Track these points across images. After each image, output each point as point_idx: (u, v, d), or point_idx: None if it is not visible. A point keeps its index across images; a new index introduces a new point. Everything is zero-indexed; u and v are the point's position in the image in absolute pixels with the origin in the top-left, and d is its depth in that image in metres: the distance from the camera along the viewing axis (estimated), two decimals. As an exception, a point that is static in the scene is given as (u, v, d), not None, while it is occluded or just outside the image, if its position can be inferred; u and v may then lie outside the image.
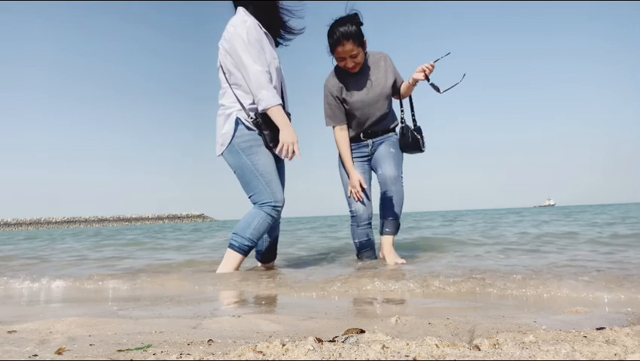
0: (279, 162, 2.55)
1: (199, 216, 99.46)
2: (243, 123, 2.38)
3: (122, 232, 15.10)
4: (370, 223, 2.77)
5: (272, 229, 2.65)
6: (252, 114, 2.34)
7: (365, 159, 2.78)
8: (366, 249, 2.81)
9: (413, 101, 2.77)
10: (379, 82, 2.66)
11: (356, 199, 2.72)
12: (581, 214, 12.55)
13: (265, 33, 2.39)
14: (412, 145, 2.68)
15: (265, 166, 2.38)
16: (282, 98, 2.47)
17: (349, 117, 2.71)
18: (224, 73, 2.37)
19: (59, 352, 0.86)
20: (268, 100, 2.26)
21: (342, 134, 2.70)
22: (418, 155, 2.78)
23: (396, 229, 2.71)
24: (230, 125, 2.38)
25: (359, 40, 2.50)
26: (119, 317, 1.31)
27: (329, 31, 2.51)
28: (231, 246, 2.43)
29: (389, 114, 2.76)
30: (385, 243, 2.68)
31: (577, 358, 0.72)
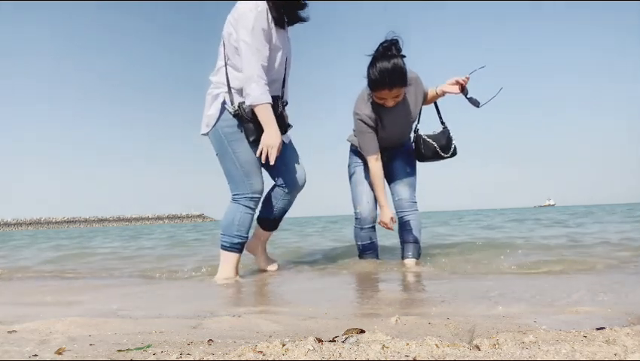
0: (285, 146, 2.37)
1: (199, 216, 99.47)
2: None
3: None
4: (374, 226, 2.76)
5: (286, 201, 2.49)
6: (236, 104, 2.22)
7: None
8: (369, 251, 2.80)
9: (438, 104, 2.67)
10: (409, 110, 2.54)
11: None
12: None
13: (277, 19, 2.22)
14: (429, 155, 2.62)
15: (246, 156, 2.27)
16: (283, 85, 2.35)
17: None
18: (225, 48, 2.24)
19: (59, 352, 0.86)
20: (255, 96, 2.13)
21: (379, 165, 2.52)
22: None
23: (418, 253, 2.69)
24: (216, 107, 2.27)
25: (406, 80, 2.31)
26: (119, 317, 1.31)
27: (372, 66, 2.28)
28: (223, 247, 2.36)
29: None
30: (410, 268, 2.59)
31: (577, 358, 0.72)
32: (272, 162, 2.19)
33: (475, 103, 2.41)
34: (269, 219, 2.54)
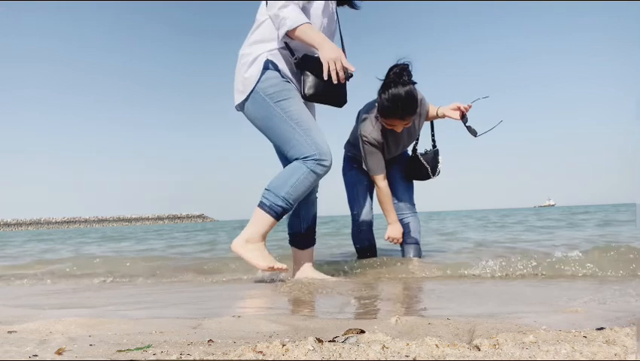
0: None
1: (199, 216, 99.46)
2: (275, 67, 1.95)
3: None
4: (371, 227, 2.77)
5: (309, 206, 2.19)
6: (297, 56, 1.92)
7: None
8: (367, 253, 2.81)
9: (434, 122, 2.69)
10: (413, 131, 2.56)
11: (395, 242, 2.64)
12: None
13: None
14: (419, 174, 2.64)
15: (300, 113, 1.92)
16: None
17: None
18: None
19: (59, 352, 0.86)
20: (294, 18, 1.80)
21: (386, 184, 2.53)
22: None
23: (419, 254, 2.69)
24: (257, 68, 1.94)
25: (417, 108, 2.29)
26: (119, 317, 1.31)
27: (384, 93, 2.25)
28: (261, 205, 1.95)
29: None
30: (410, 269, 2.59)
31: (577, 358, 0.72)
32: (352, 68, 1.86)
33: (473, 132, 2.42)
34: (305, 234, 2.19)
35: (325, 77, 1.85)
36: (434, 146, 2.67)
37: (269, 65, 1.95)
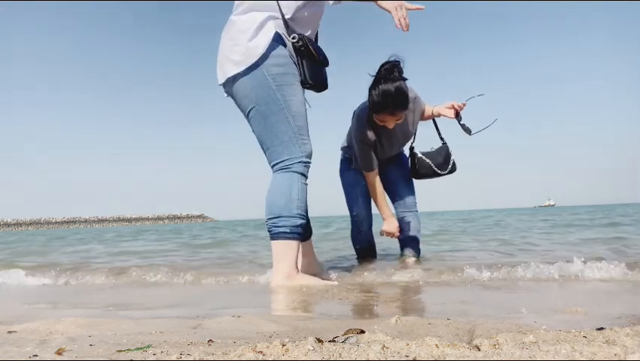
0: None
1: (199, 216, 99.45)
2: (284, 43, 1.75)
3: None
4: (371, 227, 2.77)
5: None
6: (296, 35, 1.72)
7: None
8: (367, 253, 2.82)
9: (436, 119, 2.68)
10: (408, 129, 2.56)
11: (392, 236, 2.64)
12: None
13: None
14: (423, 172, 2.63)
15: (299, 106, 1.76)
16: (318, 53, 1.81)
17: None
18: None
19: (59, 352, 0.86)
20: None
21: (379, 179, 2.54)
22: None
23: (418, 252, 2.70)
24: (266, 37, 1.70)
25: (407, 104, 2.28)
26: (119, 317, 1.31)
27: (374, 89, 2.24)
28: (282, 235, 1.77)
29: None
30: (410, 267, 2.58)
31: (577, 358, 0.72)
32: (422, 8, 1.73)
33: (467, 130, 2.42)
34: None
35: (397, 25, 1.67)
36: (444, 143, 2.67)
37: (279, 39, 1.74)
